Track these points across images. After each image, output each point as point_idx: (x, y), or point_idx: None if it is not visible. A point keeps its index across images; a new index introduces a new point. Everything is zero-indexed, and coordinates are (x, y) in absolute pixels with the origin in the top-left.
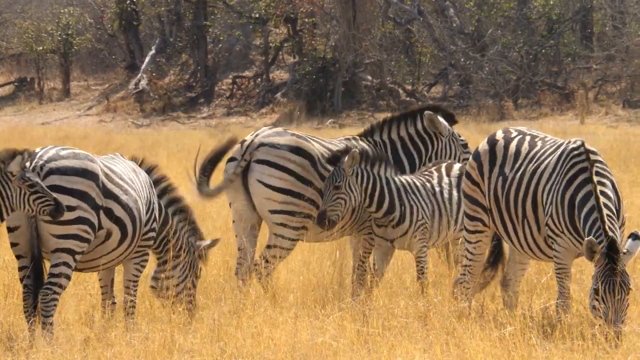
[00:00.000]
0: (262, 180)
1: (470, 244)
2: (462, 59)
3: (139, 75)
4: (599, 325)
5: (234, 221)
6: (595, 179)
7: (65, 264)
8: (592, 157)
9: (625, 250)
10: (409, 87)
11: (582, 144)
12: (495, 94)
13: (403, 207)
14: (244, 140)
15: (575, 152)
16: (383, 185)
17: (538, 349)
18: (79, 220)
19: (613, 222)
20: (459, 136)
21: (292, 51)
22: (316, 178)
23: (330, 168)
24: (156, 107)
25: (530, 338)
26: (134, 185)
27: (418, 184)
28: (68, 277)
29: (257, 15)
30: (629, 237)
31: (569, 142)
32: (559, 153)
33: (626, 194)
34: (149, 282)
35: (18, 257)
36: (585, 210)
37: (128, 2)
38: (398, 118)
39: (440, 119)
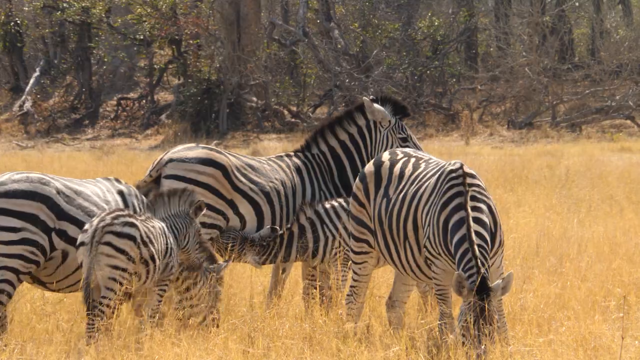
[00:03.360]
0: None
1: (356, 265)
2: (347, 80)
3: (24, 97)
4: (484, 345)
5: None
6: (470, 204)
7: (8, 282)
8: (469, 180)
9: (496, 289)
10: (294, 108)
11: (461, 167)
12: None
13: (316, 242)
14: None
15: (453, 175)
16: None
17: None
18: (24, 242)
19: (484, 253)
20: (404, 130)
21: (176, 73)
22: (228, 189)
23: (244, 180)
24: (40, 128)
25: (415, 359)
26: (107, 206)
27: (337, 205)
28: (9, 296)
29: (141, 37)
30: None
31: (449, 163)
32: (437, 175)
33: (511, 214)
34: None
35: None
36: (457, 237)
37: (12, 23)
38: (332, 123)
39: (378, 106)
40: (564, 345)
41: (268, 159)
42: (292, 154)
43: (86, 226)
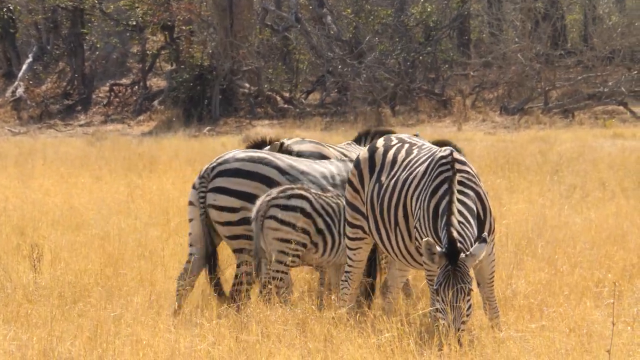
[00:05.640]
0: None
1: (351, 251)
2: (340, 66)
3: (16, 83)
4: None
5: None
6: (457, 188)
7: (247, 263)
8: (458, 166)
9: (468, 253)
10: (287, 95)
11: (451, 153)
12: (372, 100)
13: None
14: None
15: (443, 161)
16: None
17: (415, 355)
18: (243, 222)
19: (465, 228)
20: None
21: (169, 59)
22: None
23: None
24: (33, 114)
25: (407, 344)
26: (333, 189)
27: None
28: (248, 274)
29: (134, 23)
30: (476, 239)
31: (440, 150)
32: (428, 161)
33: (504, 201)
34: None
35: (190, 245)
36: (444, 221)
37: (4, 9)
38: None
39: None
40: (556, 331)
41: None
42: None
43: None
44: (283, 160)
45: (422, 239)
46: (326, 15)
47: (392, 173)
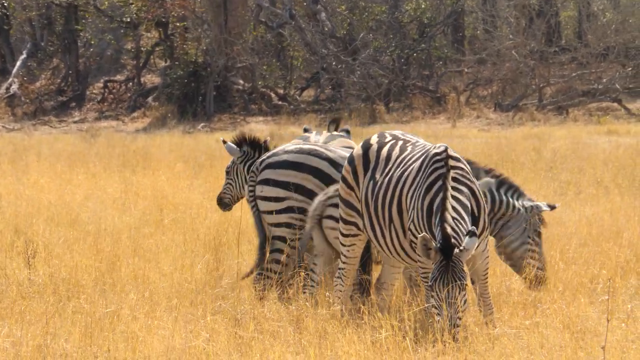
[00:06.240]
0: None
1: (345, 247)
2: (334, 63)
3: (10, 79)
4: (438, 320)
5: None
6: (451, 184)
7: (280, 250)
8: (452, 163)
9: (462, 247)
10: (281, 91)
11: (445, 150)
12: (367, 97)
13: None
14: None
15: (437, 158)
16: None
17: (410, 351)
18: (288, 210)
19: (459, 224)
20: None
21: (163, 55)
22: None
23: None
24: (27, 111)
25: (402, 341)
26: None
27: None
28: (277, 262)
29: (128, 19)
30: (466, 234)
31: (433, 147)
32: (422, 158)
33: None
34: None
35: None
36: (438, 217)
37: None
38: None
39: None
40: (550, 327)
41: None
42: None
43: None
44: (335, 152)
45: (416, 236)
46: (320, 12)
47: (386, 170)
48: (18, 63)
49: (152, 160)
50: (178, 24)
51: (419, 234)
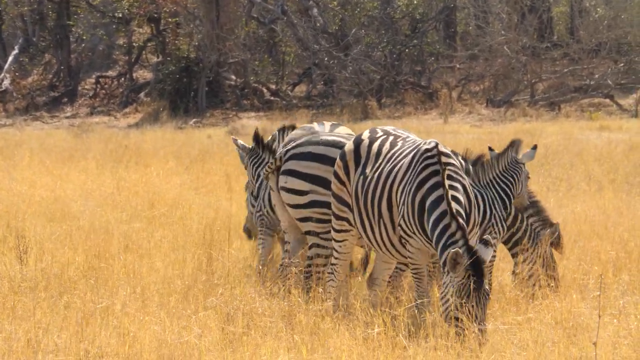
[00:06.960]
0: None
1: (337, 243)
2: (326, 59)
3: (2, 74)
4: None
5: None
6: (447, 182)
7: (316, 245)
8: (445, 159)
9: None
10: (273, 87)
11: (436, 146)
12: (359, 93)
13: None
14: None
15: (428, 154)
16: None
17: (402, 347)
18: (312, 204)
19: (465, 231)
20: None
21: (155, 51)
22: None
23: None
24: (19, 106)
25: (394, 337)
26: None
27: None
28: (319, 256)
29: (120, 15)
30: (480, 242)
31: (424, 142)
32: (412, 154)
33: None
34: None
35: (283, 231)
36: (435, 215)
37: None
38: None
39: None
40: (543, 323)
41: None
42: None
43: None
44: None
45: (406, 232)
46: (312, 8)
47: (377, 165)
48: (10, 58)
49: (143, 155)
50: (170, 20)
51: (409, 229)
